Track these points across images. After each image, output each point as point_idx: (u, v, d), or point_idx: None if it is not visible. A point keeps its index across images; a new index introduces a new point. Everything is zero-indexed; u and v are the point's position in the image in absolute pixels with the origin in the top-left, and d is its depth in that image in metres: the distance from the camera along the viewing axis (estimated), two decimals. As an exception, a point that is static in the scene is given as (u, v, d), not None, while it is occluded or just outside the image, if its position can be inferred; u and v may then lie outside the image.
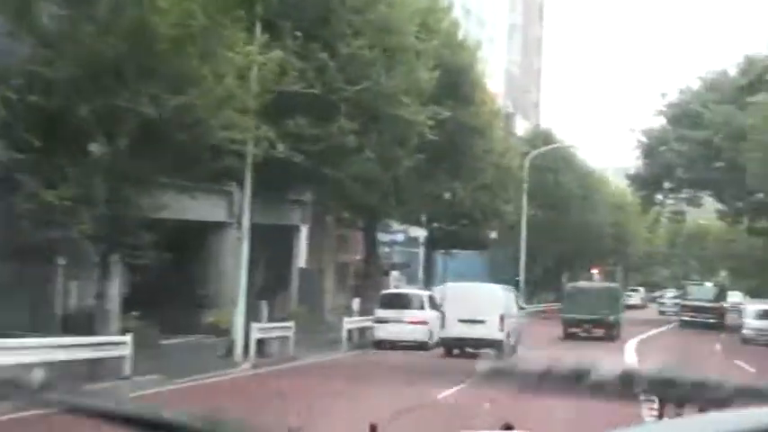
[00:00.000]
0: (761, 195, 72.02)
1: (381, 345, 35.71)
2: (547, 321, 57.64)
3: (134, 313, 28.33)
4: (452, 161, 40.76)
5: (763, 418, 1.80)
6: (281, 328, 30.14)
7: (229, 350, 26.87)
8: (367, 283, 42.56)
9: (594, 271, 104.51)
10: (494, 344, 31.10)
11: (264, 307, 29.54)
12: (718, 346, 48.05)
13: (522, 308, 39.71)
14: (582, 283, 60.40)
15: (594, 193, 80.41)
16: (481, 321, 31.63)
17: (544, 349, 38.24)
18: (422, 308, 36.72)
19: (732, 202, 77.07)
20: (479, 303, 32.24)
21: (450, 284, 37.79)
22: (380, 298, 37.49)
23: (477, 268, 69.98)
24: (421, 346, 35.43)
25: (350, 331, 36.79)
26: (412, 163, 32.81)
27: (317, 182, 33.68)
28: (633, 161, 77.96)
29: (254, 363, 26.41)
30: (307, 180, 32.88)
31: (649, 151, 74.23)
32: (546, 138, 72.58)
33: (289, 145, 25.10)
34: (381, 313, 36.43)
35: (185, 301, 32.98)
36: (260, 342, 28.05)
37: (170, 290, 32.00)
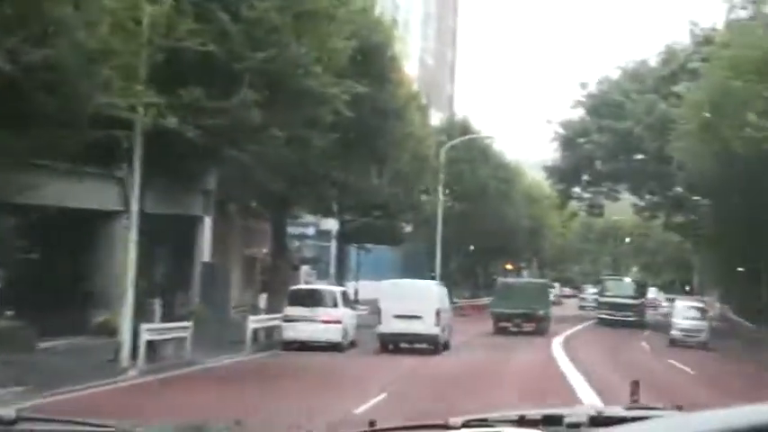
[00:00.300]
0: (679, 189, 70.71)
1: (290, 346, 32.53)
2: (466, 318, 55.24)
3: (8, 312, 24.99)
4: (367, 145, 37.62)
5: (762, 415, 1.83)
6: (177, 328, 26.70)
7: (117, 355, 23.45)
8: (275, 278, 39.31)
9: (509, 266, 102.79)
10: (430, 339, 32.44)
11: (158, 305, 26.11)
12: (645, 344, 45.98)
13: (454, 302, 40.57)
14: (511, 279, 64.75)
15: (511, 185, 78.13)
16: (418, 317, 32.24)
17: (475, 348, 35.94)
18: (335, 305, 33.62)
19: (650, 196, 75.48)
20: (416, 299, 32.71)
21: (386, 281, 37.15)
22: (289, 294, 34.28)
23: (392, 263, 67.40)
24: (334, 346, 32.43)
25: (255, 331, 33.57)
26: (324, 144, 29.58)
27: (218, 164, 30.45)
28: (551, 154, 75.90)
29: (142, 369, 23.01)
30: (206, 161, 29.50)
31: (568, 143, 72.08)
32: (463, 128, 69.97)
33: (182, 118, 21.74)
34: (290, 311, 33.24)
35: (71, 299, 29.41)
36: (151, 345, 24.63)
37: (53, 286, 28.47)
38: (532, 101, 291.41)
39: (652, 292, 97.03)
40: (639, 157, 68.98)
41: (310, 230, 53.57)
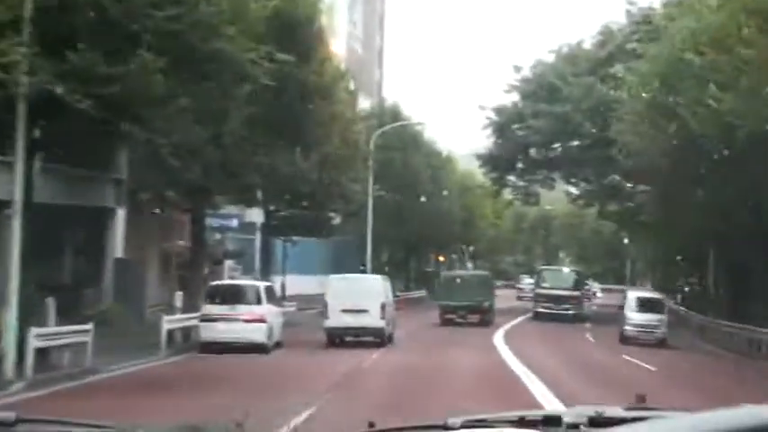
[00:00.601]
0: (616, 177, 68.69)
1: (210, 348, 29.37)
2: (399, 312, 52.45)
3: None
4: (291, 126, 34.50)
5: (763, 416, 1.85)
6: (75, 332, 23.33)
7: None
8: (194, 274, 36.03)
9: (441, 259, 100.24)
10: (376, 332, 32.81)
11: (52, 306, 22.69)
12: (589, 336, 43.65)
13: (397, 296, 41.62)
14: (456, 272, 66.93)
15: (443, 174, 75.46)
16: (364, 311, 32.49)
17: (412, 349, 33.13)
18: (258, 302, 30.45)
19: (585, 184, 73.36)
20: (361, 293, 33.03)
21: (333, 276, 37.28)
22: (207, 291, 31.07)
23: (321, 257, 64.35)
24: (258, 347, 29.36)
25: (171, 332, 30.38)
26: (242, 121, 26.43)
27: (124, 145, 27.24)
28: (484, 141, 73.29)
29: (30, 381, 19.70)
30: (108, 142, 26.23)
31: (501, 130, 69.48)
32: (393, 114, 67.16)
33: (72, 87, 18.50)
34: (208, 309, 30.05)
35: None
36: (43, 352, 21.34)
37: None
38: (465, 87, 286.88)
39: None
40: (577, 143, 66.74)
41: (234, 222, 50.15)
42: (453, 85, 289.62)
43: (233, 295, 30.59)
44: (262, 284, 32.69)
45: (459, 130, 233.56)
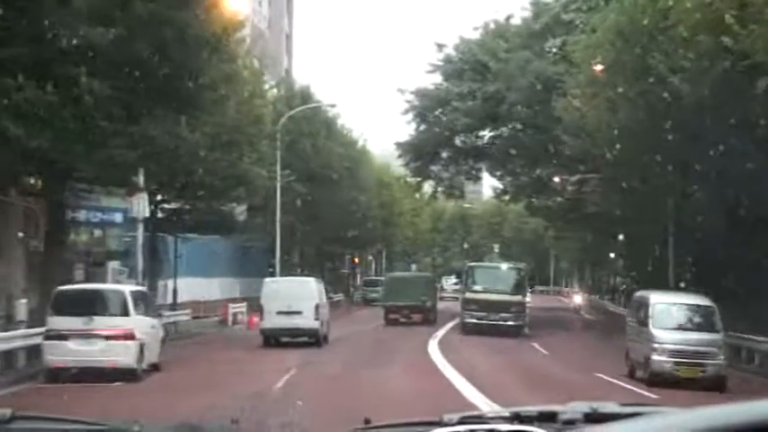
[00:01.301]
0: (538, 171, 62.94)
1: (58, 375, 21.83)
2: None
3: None
4: (172, 87, 26.86)
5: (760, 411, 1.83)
6: None
7: None
8: (47, 277, 28.16)
9: (356, 260, 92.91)
10: (310, 333, 33.33)
11: None
12: (539, 347, 37.11)
13: (330, 297, 44.10)
14: (399, 273, 68.62)
15: (359, 166, 68.34)
16: (298, 312, 33.01)
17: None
18: (124, 312, 22.81)
19: (512, 178, 67.01)
20: (295, 295, 33.50)
21: (267, 279, 38.21)
22: (53, 299, 23.21)
23: (224, 257, 56.64)
24: (125, 373, 21.86)
25: (10, 353, 22.87)
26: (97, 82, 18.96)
27: None
28: (406, 129, 66.43)
29: None
30: None
31: (423, 115, 62.55)
32: (304, 98, 59.85)
33: None
34: (55, 323, 22.40)
35: None
36: None
37: None
38: (385, 73, 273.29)
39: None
40: (509, 127, 60.24)
41: (118, 216, 42.31)
42: (371, 71, 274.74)
43: (89, 304, 22.77)
44: (129, 289, 24.90)
45: (378, 120, 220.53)
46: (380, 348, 34.30)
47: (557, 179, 68.16)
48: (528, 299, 49.39)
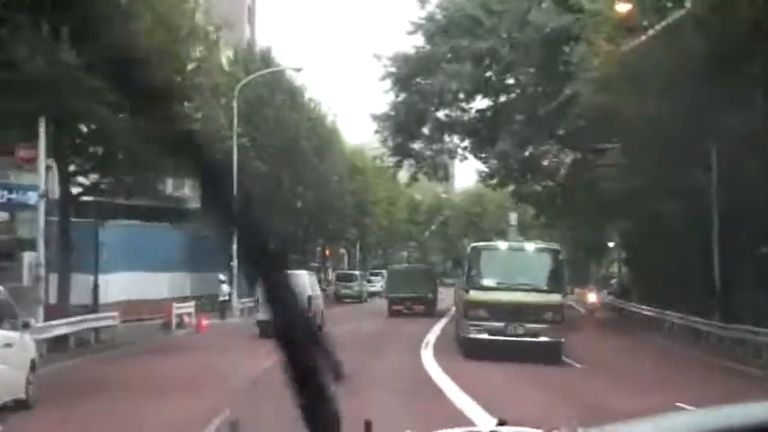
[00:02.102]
0: (530, 149, 55.63)
1: None
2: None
3: None
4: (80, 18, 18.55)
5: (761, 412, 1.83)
6: None
7: None
8: None
9: (327, 253, 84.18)
10: None
11: None
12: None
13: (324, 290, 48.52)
14: (401, 266, 69.58)
15: (330, 146, 59.95)
16: None
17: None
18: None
19: (497, 162, 58.99)
20: None
21: None
22: None
23: (170, 248, 47.88)
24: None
25: None
26: None
27: None
28: (380, 102, 58.09)
29: None
30: None
31: (403, 84, 54.21)
32: (265, 60, 51.38)
33: None
34: None
35: None
36: None
37: None
38: (359, 46, 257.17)
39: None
40: (502, 96, 52.22)
41: (31, 197, 33.60)
42: (344, 43, 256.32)
43: None
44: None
45: (353, 102, 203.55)
46: (367, 354, 25.71)
47: (545, 162, 61.01)
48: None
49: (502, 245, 31.38)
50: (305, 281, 34.03)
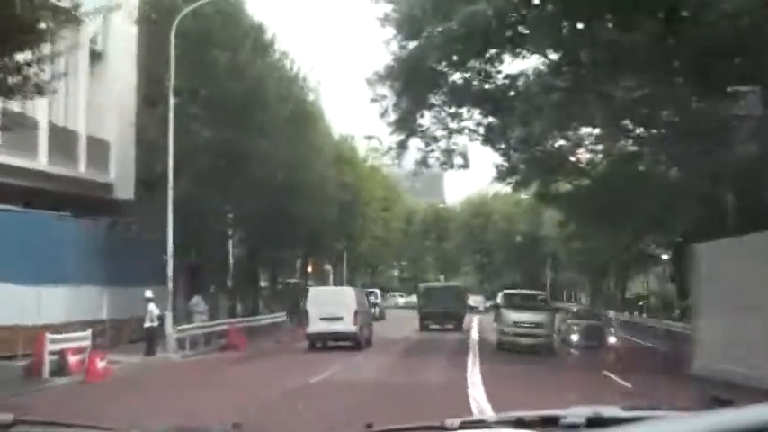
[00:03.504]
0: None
1: None
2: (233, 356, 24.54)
3: None
4: None
5: (763, 416, 1.82)
6: None
7: None
8: None
9: (309, 269, 69.20)
10: (350, 336, 35.37)
11: None
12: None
13: (375, 304, 56.72)
14: (433, 283, 70.95)
15: (308, 118, 45.23)
16: (339, 318, 35.32)
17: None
18: None
19: (523, 148, 45.20)
20: (336, 303, 35.82)
21: (312, 288, 42.15)
22: None
23: (83, 252, 32.67)
24: None
25: None
26: None
27: None
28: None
29: None
30: None
31: (412, 27, 39.00)
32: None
33: None
34: None
35: None
36: None
37: None
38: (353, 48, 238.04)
39: (478, 301, 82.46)
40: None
41: None
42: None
43: None
44: None
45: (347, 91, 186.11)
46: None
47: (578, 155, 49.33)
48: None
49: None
50: (351, 296, 37.19)
